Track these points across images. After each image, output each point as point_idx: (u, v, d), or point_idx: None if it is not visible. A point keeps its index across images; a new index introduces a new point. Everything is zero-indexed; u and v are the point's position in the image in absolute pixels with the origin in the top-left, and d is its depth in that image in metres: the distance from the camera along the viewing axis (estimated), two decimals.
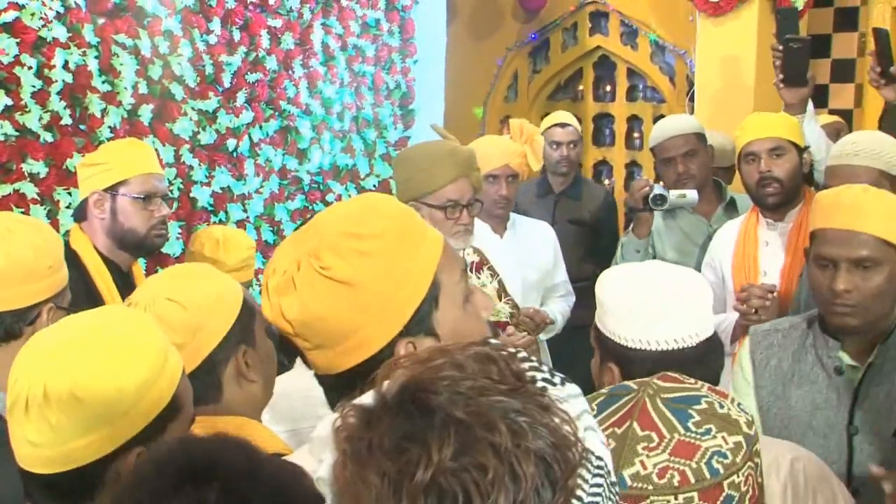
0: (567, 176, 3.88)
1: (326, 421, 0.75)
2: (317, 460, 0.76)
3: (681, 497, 1.02)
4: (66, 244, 2.50)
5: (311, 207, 3.98)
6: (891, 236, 1.79)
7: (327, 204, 4.03)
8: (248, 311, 1.49)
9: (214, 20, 3.50)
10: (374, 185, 4.31)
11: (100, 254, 2.43)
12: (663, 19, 4.76)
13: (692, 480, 1.02)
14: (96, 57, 3.07)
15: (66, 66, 2.97)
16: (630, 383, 1.11)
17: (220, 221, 3.54)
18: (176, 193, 3.36)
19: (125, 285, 2.38)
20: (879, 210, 1.81)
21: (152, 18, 3.26)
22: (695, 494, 1.02)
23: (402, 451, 0.69)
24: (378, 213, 1.09)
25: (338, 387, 1.08)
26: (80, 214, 2.49)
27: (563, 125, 3.85)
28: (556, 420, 0.73)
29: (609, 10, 4.94)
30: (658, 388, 1.10)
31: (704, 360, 1.44)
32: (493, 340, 0.82)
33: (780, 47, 3.03)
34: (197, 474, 0.88)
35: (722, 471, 1.04)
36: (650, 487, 1.02)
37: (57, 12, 2.96)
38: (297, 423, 1.64)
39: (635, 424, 1.06)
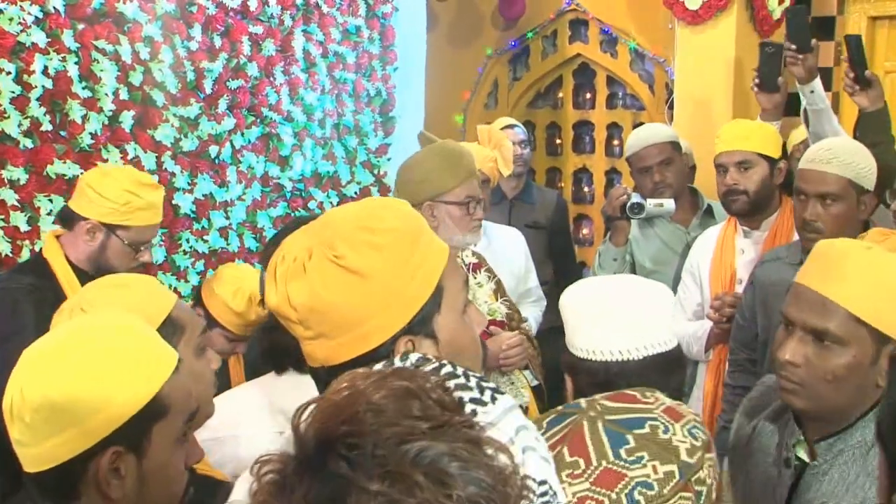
0: (520, 178, 3.93)
1: (242, 484, 0.72)
2: None
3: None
4: (39, 252, 2.49)
5: (293, 214, 3.96)
6: (867, 314, 1.42)
7: (309, 211, 4.01)
8: (172, 329, 1.51)
9: (195, 26, 3.48)
10: (356, 193, 4.30)
11: (71, 263, 2.42)
12: (643, 27, 4.79)
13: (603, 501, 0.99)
14: (76, 63, 3.04)
15: (45, 71, 2.94)
16: (581, 401, 1.09)
17: (203, 228, 3.51)
18: None
19: None
20: (867, 277, 1.44)
21: (133, 24, 3.23)
22: None
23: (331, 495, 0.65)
24: (392, 211, 1.12)
25: (330, 381, 1.08)
26: (66, 224, 2.47)
27: (510, 126, 3.92)
28: (490, 452, 0.69)
29: (589, 18, 4.97)
30: (604, 408, 1.07)
31: (650, 376, 1.36)
32: (406, 367, 0.79)
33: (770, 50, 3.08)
34: None
35: (643, 502, 1.00)
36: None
37: (36, 17, 2.93)
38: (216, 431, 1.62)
39: (565, 449, 1.03)
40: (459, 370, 0.81)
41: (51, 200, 2.96)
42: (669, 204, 3.08)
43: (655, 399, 1.10)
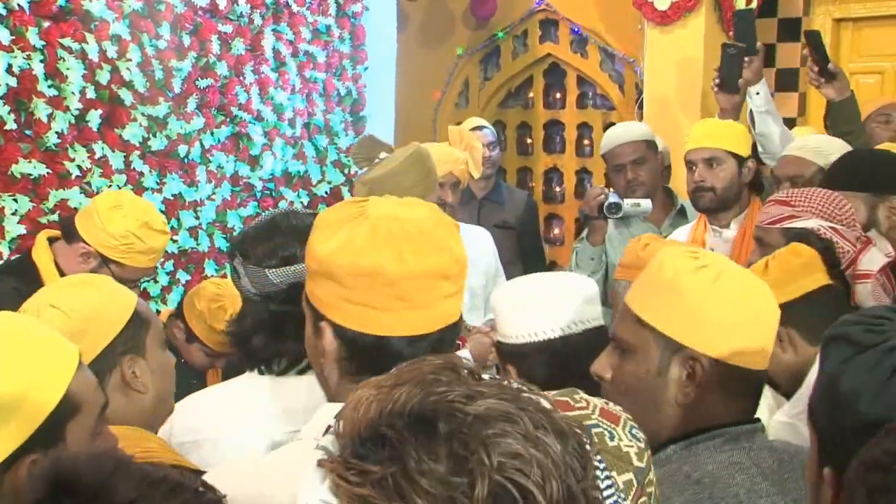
0: (489, 179, 3.94)
1: (308, 492, 0.71)
2: None
3: None
4: (27, 253, 2.44)
5: (263, 214, 3.92)
6: (648, 314, 1.33)
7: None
8: (139, 322, 1.51)
9: (164, 25, 3.44)
10: (326, 192, 4.28)
11: (60, 269, 2.39)
12: (612, 28, 4.82)
13: None
14: (42, 61, 3.00)
15: (9, 69, 2.90)
16: None
17: (172, 228, 3.47)
18: None
19: None
20: (650, 278, 1.36)
21: (99, 22, 3.19)
22: None
23: (454, 469, 0.66)
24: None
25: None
26: (66, 236, 2.44)
27: (479, 128, 3.92)
28: (543, 402, 0.73)
29: (559, 18, 4.99)
30: None
31: (594, 350, 1.41)
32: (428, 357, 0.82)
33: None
34: (56, 490, 0.88)
35: None
36: None
37: None
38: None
39: None
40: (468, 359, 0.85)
41: (16, 200, 2.92)
42: (646, 204, 3.09)
43: (587, 402, 1.07)
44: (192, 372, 2.59)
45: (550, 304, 1.55)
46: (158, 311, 3.06)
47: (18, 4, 2.93)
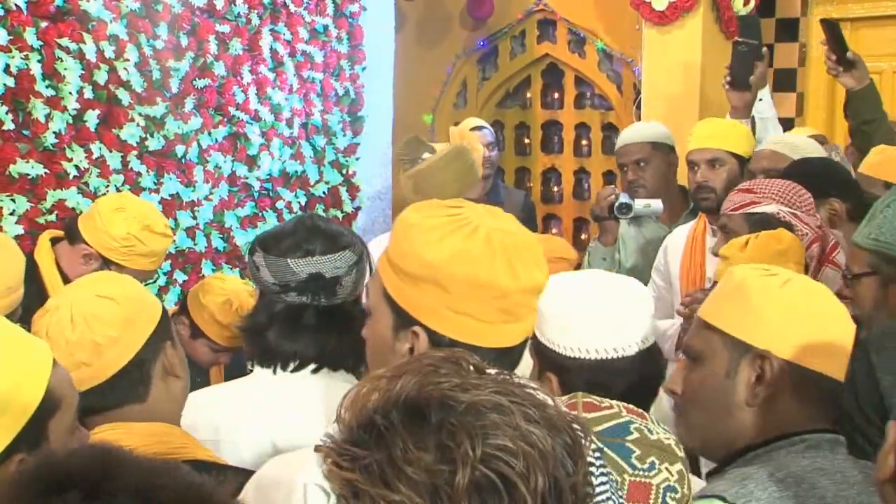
0: (487, 180, 3.93)
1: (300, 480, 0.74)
2: None
3: None
4: (29, 253, 2.44)
5: (261, 214, 3.93)
6: (713, 317, 1.35)
7: (277, 211, 3.99)
8: (166, 312, 1.54)
9: (161, 25, 3.44)
10: (324, 192, 4.28)
11: (62, 270, 2.39)
12: (610, 28, 4.82)
13: None
14: (39, 61, 2.99)
15: (7, 69, 2.89)
16: None
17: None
18: None
19: None
20: (723, 287, 1.39)
21: (97, 22, 3.19)
22: None
23: (440, 458, 0.68)
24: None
25: None
26: (68, 237, 2.44)
27: (478, 128, 3.92)
28: (540, 396, 0.74)
29: (557, 19, 4.99)
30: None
31: (640, 369, 1.42)
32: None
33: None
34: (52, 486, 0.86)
35: None
36: None
37: None
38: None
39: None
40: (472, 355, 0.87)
41: (13, 200, 2.91)
42: (657, 204, 3.08)
43: (610, 403, 1.08)
44: (195, 369, 2.58)
45: (618, 323, 1.45)
46: None
47: (16, 4, 2.92)
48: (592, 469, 0.76)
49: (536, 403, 0.72)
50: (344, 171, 4.39)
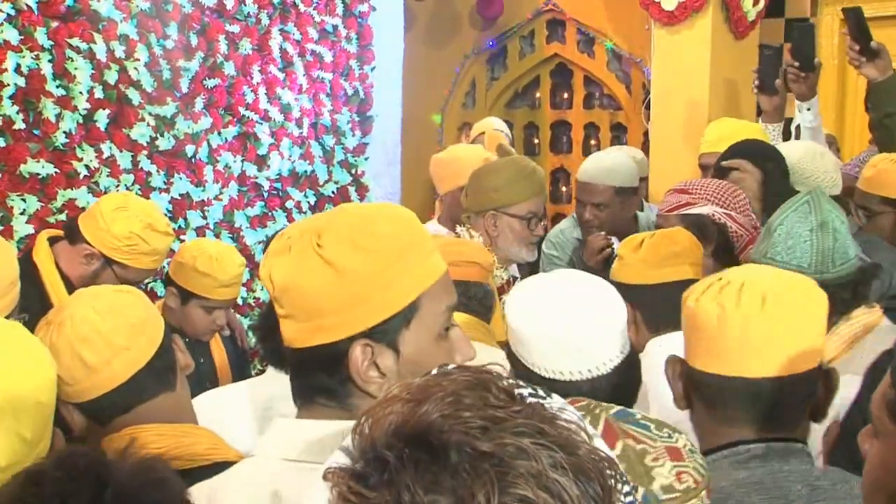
0: None
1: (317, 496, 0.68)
2: None
3: (695, 499, 1.00)
4: (28, 254, 2.46)
5: (270, 214, 3.94)
6: None
7: (287, 210, 4.00)
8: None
9: (171, 25, 3.45)
10: (333, 192, 4.28)
11: (61, 270, 2.40)
12: (619, 28, 4.82)
13: (699, 480, 1.02)
14: (50, 60, 3.01)
15: (18, 69, 2.91)
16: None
17: (180, 228, 3.48)
18: None
19: None
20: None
21: (107, 22, 3.20)
22: (703, 493, 1.02)
23: None
24: (391, 220, 1.12)
25: (296, 364, 1.13)
26: (69, 237, 2.45)
27: (499, 130, 3.93)
28: (570, 432, 0.68)
29: (566, 19, 4.99)
30: (601, 407, 1.08)
31: (617, 382, 1.40)
32: (467, 364, 0.77)
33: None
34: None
35: (705, 465, 1.04)
36: (677, 496, 0.99)
37: (8, 14, 2.89)
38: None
39: (629, 441, 1.01)
40: (505, 372, 0.76)
41: (24, 200, 2.93)
42: None
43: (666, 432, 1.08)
44: (197, 349, 2.60)
45: (590, 344, 1.40)
46: None
47: (27, 4, 2.94)
48: None
49: (566, 443, 0.66)
50: (353, 171, 4.39)
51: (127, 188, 3.25)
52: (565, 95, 5.24)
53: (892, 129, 2.71)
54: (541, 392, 0.74)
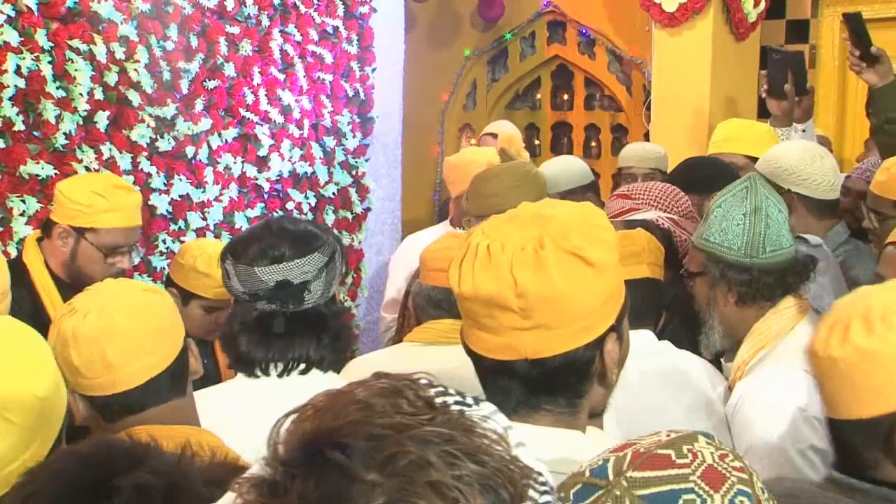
0: None
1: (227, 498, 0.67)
2: None
3: None
4: (18, 256, 2.46)
5: (270, 215, 3.94)
6: None
7: (287, 212, 4.00)
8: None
9: (172, 26, 3.45)
10: (334, 193, 4.28)
11: (51, 272, 2.40)
12: (620, 29, 4.82)
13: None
14: (50, 62, 3.01)
15: (18, 70, 2.91)
16: (609, 465, 0.93)
17: (180, 230, 3.49)
18: None
19: None
20: None
21: (107, 24, 3.20)
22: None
23: None
24: (600, 213, 1.18)
25: (539, 374, 1.11)
26: (45, 232, 2.47)
27: (493, 135, 3.94)
28: (486, 441, 0.67)
29: (566, 20, 4.99)
30: (632, 482, 0.90)
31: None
32: (390, 373, 0.75)
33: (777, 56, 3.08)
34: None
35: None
36: None
37: (8, 16, 2.89)
38: None
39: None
40: (433, 380, 0.75)
41: (24, 201, 2.93)
42: None
43: (693, 457, 0.91)
44: (201, 348, 2.60)
45: None
46: None
47: (27, 6, 2.94)
48: None
49: (476, 451, 0.65)
50: (353, 173, 4.39)
51: None
52: (566, 97, 5.24)
53: (893, 135, 2.69)
54: (469, 400, 0.73)
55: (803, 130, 3.01)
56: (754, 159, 2.87)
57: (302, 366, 1.61)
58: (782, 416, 1.68)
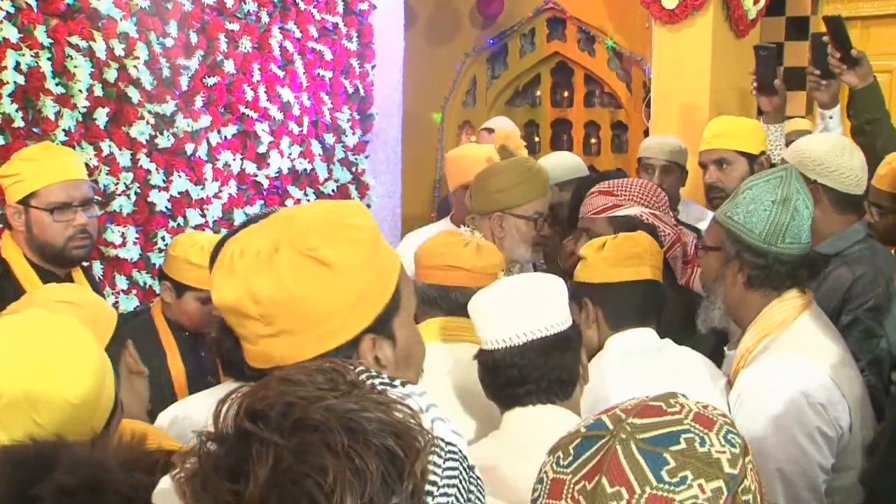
0: None
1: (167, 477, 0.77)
2: None
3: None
4: None
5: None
6: None
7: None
8: (120, 317, 1.59)
9: (171, 23, 3.45)
10: (333, 190, 4.28)
11: (32, 263, 2.41)
12: (620, 26, 4.82)
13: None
14: (49, 58, 3.01)
15: (17, 67, 2.91)
16: (606, 420, 1.00)
17: (179, 226, 3.49)
18: (133, 198, 3.31)
19: None
20: None
21: (107, 20, 3.20)
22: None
23: (233, 476, 0.71)
24: (358, 210, 1.12)
25: None
26: (5, 223, 2.49)
27: (489, 130, 3.93)
28: (398, 414, 0.76)
29: (566, 17, 4.98)
30: (633, 427, 0.98)
31: (531, 358, 1.54)
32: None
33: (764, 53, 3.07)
34: None
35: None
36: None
37: (7, 12, 2.89)
38: None
39: (604, 480, 0.95)
40: (373, 370, 0.84)
41: None
42: None
43: (681, 406, 1.00)
44: (199, 340, 2.60)
45: (510, 315, 1.58)
46: None
47: (27, 2, 2.94)
48: (432, 488, 0.76)
49: (380, 420, 0.74)
50: (353, 169, 4.40)
51: (126, 186, 3.25)
52: (566, 93, 5.24)
53: (873, 135, 2.73)
54: (396, 383, 0.82)
55: (830, 117, 2.99)
56: (745, 154, 2.89)
57: None
58: (788, 403, 1.73)
